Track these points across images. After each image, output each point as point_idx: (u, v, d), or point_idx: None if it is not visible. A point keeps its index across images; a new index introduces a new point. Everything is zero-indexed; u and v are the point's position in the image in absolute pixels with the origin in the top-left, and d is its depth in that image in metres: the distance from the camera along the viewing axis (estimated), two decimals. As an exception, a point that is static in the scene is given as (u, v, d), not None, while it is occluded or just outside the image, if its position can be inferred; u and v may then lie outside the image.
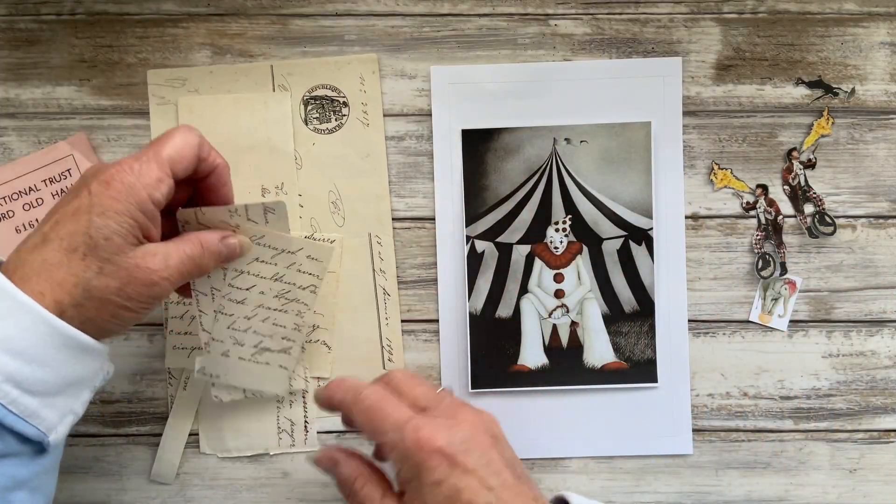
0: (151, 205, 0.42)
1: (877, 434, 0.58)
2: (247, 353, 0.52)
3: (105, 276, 0.41)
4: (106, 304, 0.41)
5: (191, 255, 0.45)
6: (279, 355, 0.53)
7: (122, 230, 0.41)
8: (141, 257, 0.42)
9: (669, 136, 0.57)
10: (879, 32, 0.57)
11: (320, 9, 0.57)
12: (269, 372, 0.53)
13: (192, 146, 0.44)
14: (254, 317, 0.51)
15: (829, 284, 0.58)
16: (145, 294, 0.42)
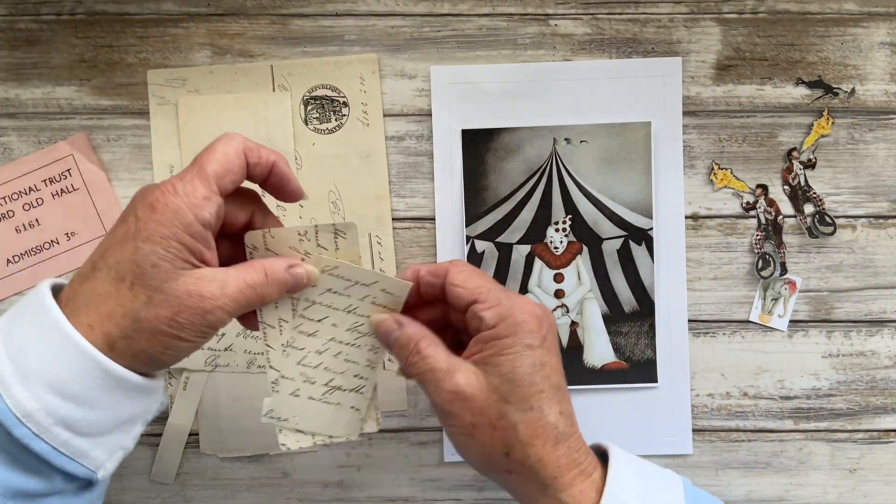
0: (200, 226, 0.39)
1: (877, 434, 0.58)
2: (317, 393, 0.47)
3: (154, 305, 0.38)
4: (157, 334, 0.39)
5: (251, 284, 0.41)
6: (351, 395, 0.48)
7: (169, 255, 0.38)
8: (193, 284, 0.39)
9: (669, 136, 0.57)
10: (879, 32, 0.57)
11: (320, 9, 0.57)
12: (340, 414, 0.48)
13: (236, 155, 0.40)
14: (325, 351, 0.47)
15: (829, 284, 0.58)
16: (199, 323, 0.39)
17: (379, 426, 0.48)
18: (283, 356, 0.46)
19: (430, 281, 0.45)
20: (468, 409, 0.42)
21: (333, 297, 0.46)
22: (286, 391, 0.47)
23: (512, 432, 0.42)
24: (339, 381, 0.47)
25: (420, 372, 0.43)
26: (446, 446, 0.58)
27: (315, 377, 0.47)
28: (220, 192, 0.40)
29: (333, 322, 0.46)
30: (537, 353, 0.42)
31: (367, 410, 0.48)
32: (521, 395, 0.42)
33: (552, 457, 0.42)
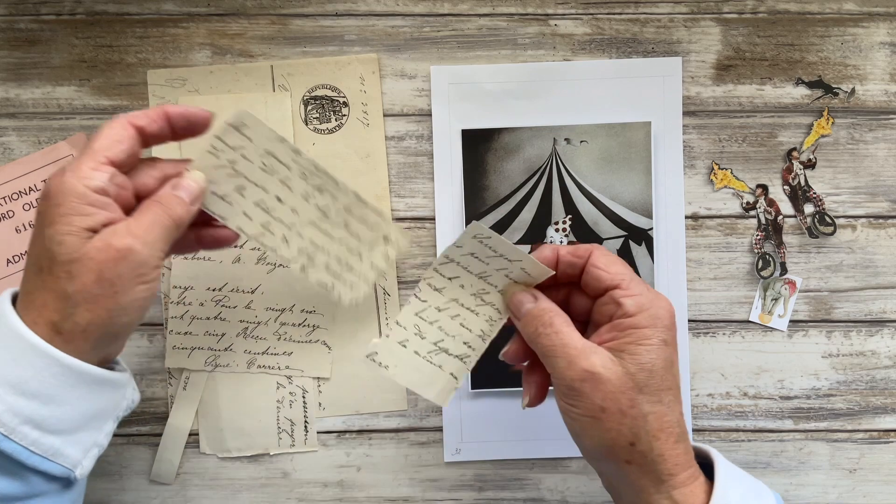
0: (94, 194, 0.40)
1: (877, 434, 0.58)
2: (424, 349, 0.48)
3: (76, 276, 0.39)
4: (93, 301, 0.40)
5: (153, 213, 0.42)
6: (455, 361, 0.48)
7: (72, 229, 0.40)
8: (102, 241, 0.40)
9: (669, 136, 0.57)
10: (879, 32, 0.57)
11: (320, 9, 0.57)
12: (438, 377, 0.48)
13: (121, 126, 0.42)
14: (445, 310, 0.47)
15: (829, 284, 0.58)
16: (125, 270, 0.40)
17: (447, 405, 0.49)
18: (404, 303, 0.49)
19: (570, 261, 0.45)
20: (600, 391, 0.41)
21: (473, 261, 0.46)
22: (396, 338, 0.48)
23: (642, 422, 0.41)
24: (448, 343, 0.48)
25: (552, 345, 0.43)
26: (446, 446, 0.58)
27: (427, 333, 0.48)
28: (113, 162, 0.41)
29: (462, 284, 0.47)
30: (669, 350, 0.43)
31: (461, 383, 0.49)
32: (654, 388, 0.42)
33: (672, 453, 0.42)
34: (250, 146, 0.46)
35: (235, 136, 0.45)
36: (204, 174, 0.46)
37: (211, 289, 0.57)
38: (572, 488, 0.58)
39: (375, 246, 0.51)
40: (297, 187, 0.47)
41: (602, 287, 0.44)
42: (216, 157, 0.46)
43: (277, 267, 0.57)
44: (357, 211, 0.50)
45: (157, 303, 0.57)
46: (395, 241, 0.51)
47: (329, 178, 0.48)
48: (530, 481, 0.58)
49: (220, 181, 0.46)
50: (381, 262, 0.51)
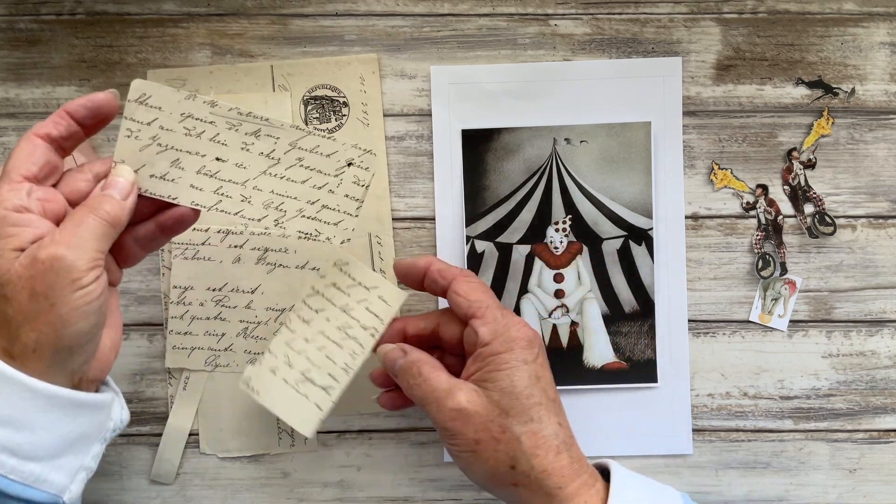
0: (13, 213, 0.39)
1: (877, 434, 0.58)
2: (291, 378, 0.50)
3: (11, 297, 0.38)
4: (34, 318, 0.38)
5: (79, 218, 0.40)
6: (319, 392, 0.49)
7: (1, 256, 0.39)
8: (28, 256, 0.39)
9: (669, 136, 0.57)
10: (879, 32, 0.57)
11: (320, 9, 0.57)
12: (304, 407, 0.49)
13: (26, 140, 0.41)
14: (311, 341, 0.49)
15: (829, 284, 0.58)
16: (54, 279, 0.38)
17: (312, 435, 0.50)
18: (276, 333, 0.49)
19: (434, 279, 0.47)
20: (471, 425, 0.43)
21: (335, 292, 0.48)
22: (267, 365, 0.49)
23: (515, 444, 0.43)
24: (313, 374, 0.49)
25: (422, 394, 0.44)
26: (446, 446, 0.58)
27: (295, 362, 0.49)
28: (28, 177, 0.41)
29: (327, 316, 0.49)
30: (532, 367, 0.44)
31: (327, 413, 0.49)
32: (520, 408, 0.43)
33: (555, 466, 0.43)
34: (164, 115, 0.43)
35: (143, 110, 0.43)
36: (129, 163, 0.44)
37: (211, 289, 0.57)
38: (572, 488, 0.58)
39: (341, 173, 0.47)
40: (232, 140, 0.44)
41: (462, 314, 0.46)
42: (137, 139, 0.43)
43: (277, 267, 0.57)
44: (306, 143, 0.46)
45: (156, 303, 0.57)
46: (358, 161, 0.47)
47: (258, 119, 0.45)
48: (530, 481, 0.58)
49: (152, 161, 0.44)
50: (355, 190, 0.47)
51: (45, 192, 0.41)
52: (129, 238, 0.45)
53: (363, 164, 0.46)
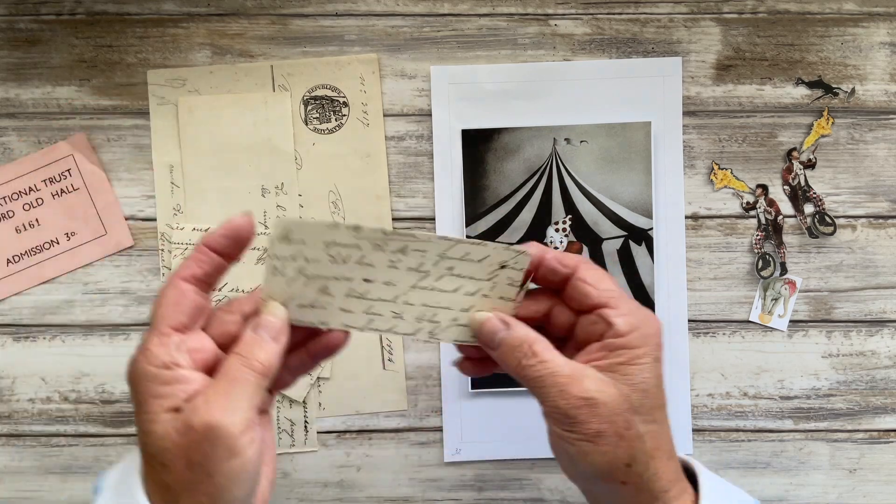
0: (165, 371, 0.38)
1: (877, 434, 0.58)
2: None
3: (169, 466, 0.37)
4: (193, 487, 0.37)
5: (235, 371, 0.39)
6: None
7: (153, 416, 0.37)
8: (183, 421, 0.37)
9: (669, 136, 0.57)
10: (879, 32, 0.57)
11: (320, 9, 0.57)
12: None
13: (172, 287, 0.40)
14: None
15: (829, 284, 0.58)
16: (210, 450, 0.36)
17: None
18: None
19: (554, 267, 0.43)
20: (596, 415, 0.40)
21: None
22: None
23: (638, 443, 0.41)
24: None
25: (538, 376, 0.41)
26: (446, 446, 0.58)
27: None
28: (177, 328, 0.39)
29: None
30: (659, 367, 0.42)
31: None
32: (648, 407, 0.41)
33: (666, 471, 0.42)
34: (308, 247, 0.42)
35: (287, 246, 0.41)
36: (277, 297, 0.42)
37: (211, 289, 0.57)
38: (572, 488, 0.58)
39: (494, 277, 0.44)
40: (379, 260, 0.43)
41: (589, 304, 0.42)
42: (283, 274, 0.42)
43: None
44: (455, 252, 0.43)
45: (157, 303, 0.57)
46: (511, 262, 0.44)
47: (404, 236, 0.43)
48: (530, 481, 0.58)
49: (300, 293, 0.42)
50: (509, 291, 0.44)
51: (194, 340, 0.40)
52: (281, 369, 0.43)
53: (516, 264, 0.43)
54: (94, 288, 0.58)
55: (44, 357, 0.58)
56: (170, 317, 0.39)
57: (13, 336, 0.58)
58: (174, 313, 0.39)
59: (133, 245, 0.58)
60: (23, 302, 0.57)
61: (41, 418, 0.58)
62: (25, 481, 0.58)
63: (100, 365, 0.58)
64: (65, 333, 0.58)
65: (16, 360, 0.58)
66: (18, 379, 0.58)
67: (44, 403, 0.58)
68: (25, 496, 0.58)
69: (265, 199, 0.57)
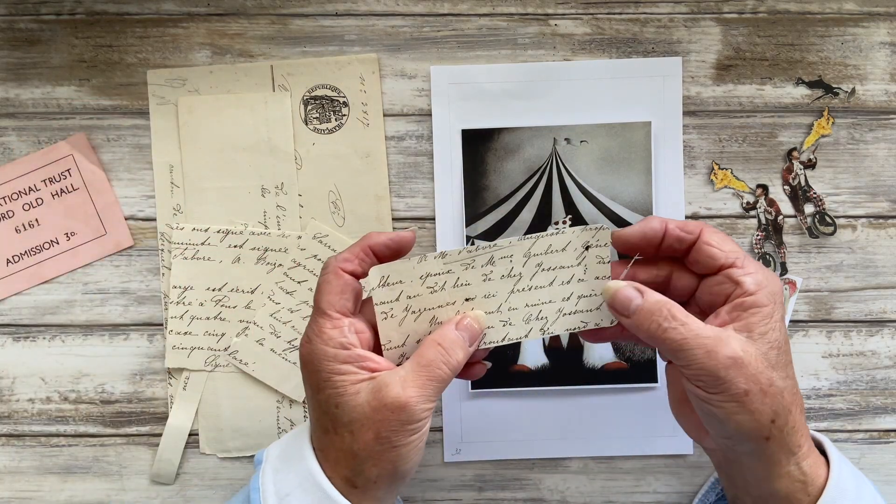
0: (343, 351, 0.43)
1: (877, 434, 0.58)
2: (280, 347, 0.51)
3: (358, 435, 0.42)
4: (378, 455, 0.42)
5: (427, 363, 0.43)
6: None
7: (338, 391, 0.42)
8: (375, 399, 0.42)
9: (669, 136, 0.57)
10: (879, 32, 0.57)
11: (320, 9, 0.57)
12: (291, 372, 0.52)
13: (335, 276, 0.44)
14: (297, 311, 0.51)
15: (829, 284, 0.58)
16: (398, 426, 0.42)
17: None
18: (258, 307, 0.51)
19: (679, 236, 0.44)
20: (743, 374, 0.41)
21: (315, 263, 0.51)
22: (253, 338, 0.52)
23: (780, 398, 0.42)
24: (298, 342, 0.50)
25: (682, 338, 0.41)
26: (446, 446, 0.58)
27: (282, 332, 0.52)
28: (345, 312, 0.44)
29: (310, 287, 0.51)
30: (784, 324, 0.44)
31: None
32: (782, 363, 0.42)
33: (801, 424, 0.44)
34: (406, 285, 0.45)
35: (387, 290, 0.45)
36: (394, 340, 0.45)
37: (211, 289, 0.57)
38: (572, 488, 0.58)
39: (582, 260, 0.46)
40: (472, 278, 0.45)
41: (716, 265, 0.44)
42: (392, 317, 0.45)
43: (277, 267, 0.57)
44: (538, 248, 0.46)
45: (156, 303, 0.57)
46: (594, 241, 0.46)
47: (487, 248, 0.45)
48: (530, 481, 0.58)
49: (413, 329, 0.46)
50: (601, 269, 0.46)
51: (357, 324, 0.44)
52: None
53: (599, 241, 0.45)
54: (93, 288, 0.58)
55: (43, 357, 0.58)
56: (338, 303, 0.43)
57: (13, 336, 0.58)
58: (341, 300, 0.43)
59: (133, 245, 0.58)
60: (22, 302, 0.57)
61: (41, 418, 0.58)
62: (25, 481, 0.58)
63: (99, 365, 0.58)
64: (64, 333, 0.58)
65: (15, 360, 0.58)
66: (18, 379, 0.58)
67: (43, 403, 0.58)
68: (25, 496, 0.58)
69: (265, 198, 0.57)
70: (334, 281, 0.43)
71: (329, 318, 0.43)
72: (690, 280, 0.45)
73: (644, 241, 0.45)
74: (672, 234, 0.44)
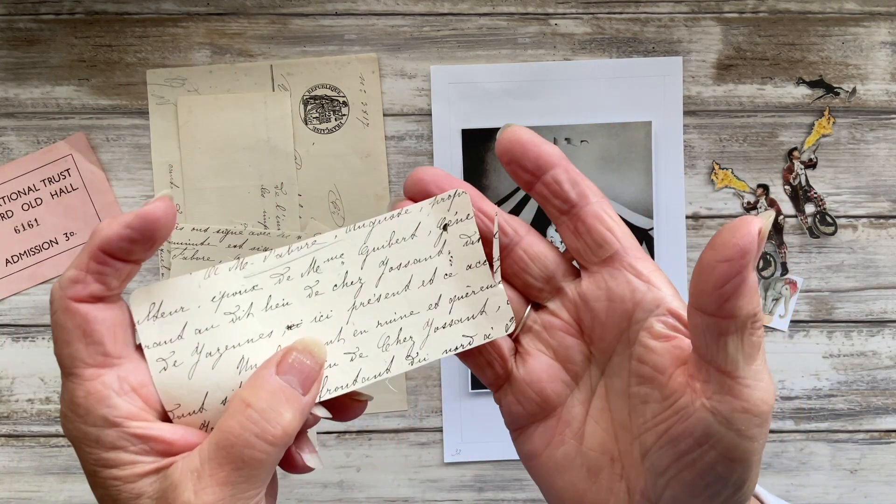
0: (107, 431, 0.27)
1: (878, 434, 0.58)
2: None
3: None
4: None
5: (233, 441, 0.27)
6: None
7: (109, 494, 0.27)
8: (169, 501, 0.26)
9: (670, 135, 0.57)
10: (880, 32, 0.57)
11: (320, 8, 0.57)
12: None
13: (78, 318, 0.27)
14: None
15: (829, 284, 0.57)
16: None
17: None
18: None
19: (565, 197, 0.29)
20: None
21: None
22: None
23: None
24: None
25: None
26: (446, 447, 0.58)
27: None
28: (100, 361, 0.28)
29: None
30: None
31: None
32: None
33: None
34: (191, 314, 0.30)
35: (162, 324, 0.30)
36: (184, 403, 0.29)
37: (210, 289, 0.56)
38: (572, 489, 0.58)
39: (442, 245, 0.31)
40: (291, 294, 0.31)
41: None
42: (175, 365, 0.29)
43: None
44: (376, 239, 0.31)
45: (156, 303, 0.57)
46: (452, 216, 0.31)
47: (302, 247, 0.31)
48: (530, 482, 0.58)
49: (213, 381, 0.30)
50: (473, 254, 0.31)
51: (136, 371, 0.29)
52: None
53: (458, 214, 0.31)
54: (93, 288, 0.57)
55: (43, 357, 0.58)
56: (85, 354, 0.27)
57: (12, 336, 0.58)
58: (89, 348, 0.27)
59: (132, 245, 0.57)
60: (22, 302, 0.57)
61: (40, 418, 0.58)
62: (24, 482, 0.58)
63: (99, 365, 0.58)
64: (64, 333, 0.58)
65: (15, 360, 0.58)
66: (17, 379, 0.58)
67: (43, 404, 0.58)
68: (24, 497, 0.58)
69: (265, 198, 0.57)
70: (68, 322, 0.27)
71: (78, 379, 0.27)
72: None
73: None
74: (556, 193, 0.28)
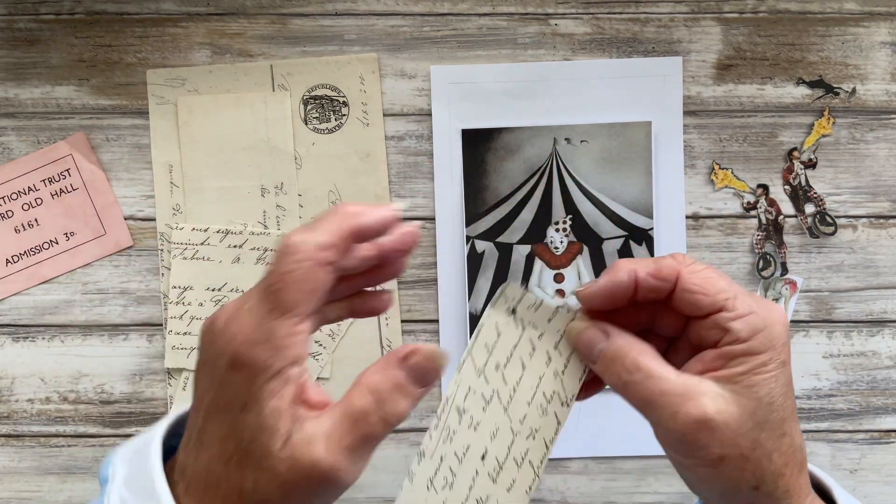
0: (293, 368, 0.31)
1: (878, 434, 0.58)
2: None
3: (263, 487, 0.31)
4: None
5: (356, 415, 0.31)
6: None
7: (266, 422, 0.31)
8: (299, 449, 0.30)
9: (670, 135, 0.57)
10: (880, 32, 0.57)
11: (320, 8, 0.57)
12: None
13: (317, 276, 0.32)
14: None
15: (829, 284, 0.57)
16: (321, 494, 0.31)
17: None
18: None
19: (652, 285, 0.36)
20: (717, 438, 0.34)
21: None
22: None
23: (766, 463, 0.35)
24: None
25: (647, 394, 0.35)
26: (446, 447, 0.58)
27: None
28: (307, 314, 0.32)
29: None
30: (788, 371, 0.36)
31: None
32: (776, 420, 0.35)
33: (797, 485, 0.36)
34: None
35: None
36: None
37: (210, 289, 0.57)
38: (572, 488, 0.58)
39: (554, 362, 0.38)
40: (458, 439, 0.36)
41: (702, 313, 0.36)
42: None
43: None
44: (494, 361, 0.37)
45: (156, 303, 0.57)
46: (566, 329, 0.37)
47: (447, 406, 0.36)
48: (530, 482, 0.58)
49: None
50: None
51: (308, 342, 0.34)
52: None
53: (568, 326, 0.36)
54: (93, 288, 0.57)
55: (43, 357, 0.58)
56: (304, 304, 0.31)
57: (12, 336, 0.58)
58: (310, 301, 0.32)
59: (132, 245, 0.57)
60: (22, 302, 0.57)
61: (40, 419, 0.58)
62: (24, 482, 0.58)
63: (99, 365, 0.58)
64: (64, 333, 0.58)
65: (15, 360, 0.58)
66: (17, 379, 0.58)
67: (43, 404, 0.58)
68: (24, 497, 0.58)
69: (264, 198, 0.57)
70: (309, 276, 0.31)
71: (289, 321, 0.31)
72: (677, 320, 0.37)
73: (612, 302, 0.36)
74: (645, 285, 0.36)
